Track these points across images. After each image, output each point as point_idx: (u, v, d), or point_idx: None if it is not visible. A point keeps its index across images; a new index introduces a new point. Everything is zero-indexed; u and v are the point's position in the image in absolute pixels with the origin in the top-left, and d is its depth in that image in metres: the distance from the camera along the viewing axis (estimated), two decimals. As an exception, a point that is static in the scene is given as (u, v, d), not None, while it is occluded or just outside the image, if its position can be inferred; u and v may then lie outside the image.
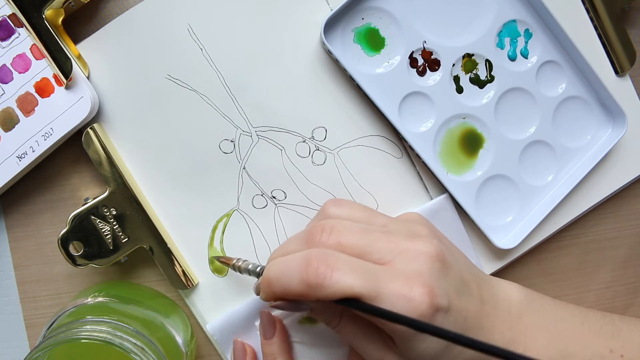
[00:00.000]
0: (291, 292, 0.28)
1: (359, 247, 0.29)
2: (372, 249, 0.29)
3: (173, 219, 0.36)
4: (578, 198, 0.39)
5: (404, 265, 0.28)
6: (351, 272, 0.27)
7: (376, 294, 0.26)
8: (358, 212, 0.32)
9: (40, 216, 0.37)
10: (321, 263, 0.27)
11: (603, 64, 0.39)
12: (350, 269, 0.27)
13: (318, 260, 0.27)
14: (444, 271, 0.29)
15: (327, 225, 0.30)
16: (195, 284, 0.36)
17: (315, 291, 0.27)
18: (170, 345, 0.33)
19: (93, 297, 0.33)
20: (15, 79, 0.34)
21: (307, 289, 0.27)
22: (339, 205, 0.32)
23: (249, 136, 0.36)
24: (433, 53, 0.37)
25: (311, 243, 0.29)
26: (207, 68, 0.35)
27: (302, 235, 0.31)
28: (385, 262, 0.29)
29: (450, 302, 0.28)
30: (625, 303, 0.42)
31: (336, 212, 0.32)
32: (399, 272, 0.28)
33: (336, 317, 0.30)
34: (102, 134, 0.35)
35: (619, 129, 0.39)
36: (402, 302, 0.27)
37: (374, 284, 0.27)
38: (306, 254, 0.28)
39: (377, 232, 0.30)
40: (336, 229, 0.29)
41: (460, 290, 0.30)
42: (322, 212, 0.33)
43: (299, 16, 0.36)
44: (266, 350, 0.34)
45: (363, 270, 0.27)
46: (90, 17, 0.36)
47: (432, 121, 0.37)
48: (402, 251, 0.29)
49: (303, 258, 0.28)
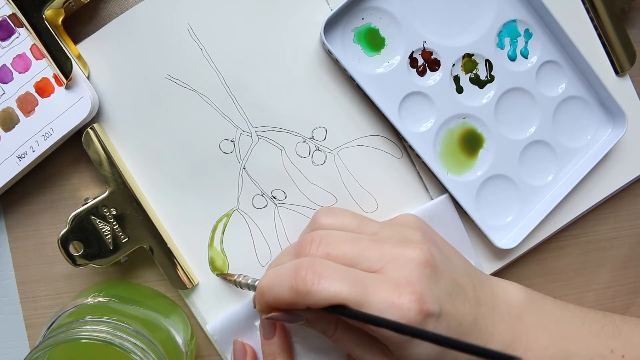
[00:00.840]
0: (282, 300, 0.28)
1: (348, 257, 0.29)
2: (362, 258, 0.29)
3: (173, 219, 0.36)
4: (578, 198, 0.39)
5: (393, 273, 0.28)
6: (339, 279, 0.27)
7: (364, 301, 0.27)
8: (349, 221, 0.32)
9: (40, 216, 0.37)
10: (309, 270, 0.27)
11: (603, 64, 0.39)
12: (338, 276, 0.27)
13: (306, 268, 0.27)
14: (435, 277, 0.29)
15: (317, 236, 0.30)
16: (195, 284, 0.36)
17: (304, 298, 0.27)
18: (170, 345, 0.33)
19: (93, 297, 0.33)
20: (15, 79, 0.34)
21: (296, 297, 0.27)
22: (329, 215, 0.33)
23: (249, 136, 0.36)
24: (433, 53, 0.37)
25: (301, 254, 0.30)
26: (207, 68, 0.35)
27: (293, 247, 0.31)
28: (374, 270, 0.29)
29: (442, 307, 0.28)
30: (625, 303, 0.42)
31: (327, 221, 0.32)
32: (388, 280, 0.28)
33: (331, 327, 0.30)
34: (102, 134, 0.35)
35: (619, 129, 0.39)
36: (390, 309, 0.27)
37: (362, 291, 0.27)
38: (295, 263, 0.28)
39: (366, 241, 0.30)
40: (325, 240, 0.30)
41: (453, 294, 0.30)
42: (313, 222, 0.33)
43: (299, 16, 0.36)
44: (266, 350, 0.34)
45: (351, 278, 0.27)
46: (90, 17, 0.36)
47: (432, 121, 0.37)
48: (391, 258, 0.29)
49: (292, 267, 0.28)
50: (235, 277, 0.35)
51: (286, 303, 0.28)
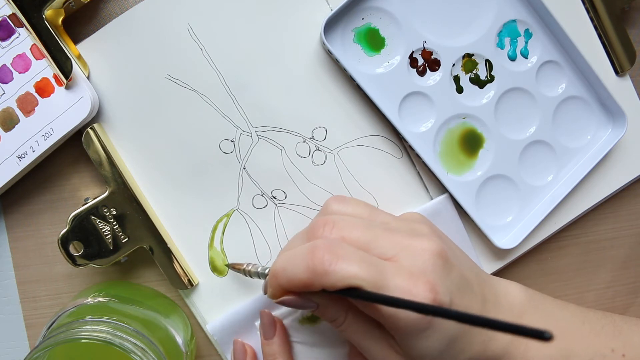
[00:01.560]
0: (297, 281, 0.27)
1: (362, 242, 0.29)
2: (375, 244, 0.29)
3: (173, 219, 0.36)
4: (578, 198, 0.39)
5: (407, 262, 0.28)
6: (357, 261, 0.27)
7: (381, 285, 0.26)
8: (360, 209, 0.32)
9: (40, 216, 0.37)
10: (326, 251, 0.27)
11: (603, 64, 0.39)
12: (356, 258, 0.27)
13: (324, 249, 0.27)
14: (447, 269, 0.29)
15: (330, 220, 0.30)
16: (195, 284, 0.36)
17: (321, 278, 0.27)
18: (170, 345, 0.32)
19: (93, 297, 0.33)
20: (15, 79, 0.34)
21: (312, 277, 0.27)
22: (341, 202, 0.32)
23: (249, 136, 0.36)
24: (433, 53, 0.37)
25: (314, 237, 0.29)
26: (207, 68, 0.35)
27: (305, 231, 0.31)
28: (387, 257, 0.29)
29: (452, 299, 0.28)
30: (625, 303, 0.42)
31: (338, 208, 0.32)
32: (403, 268, 0.28)
33: (342, 315, 0.30)
34: (102, 134, 0.35)
35: (619, 129, 0.39)
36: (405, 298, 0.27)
37: (378, 275, 0.27)
38: (312, 244, 0.28)
39: (379, 229, 0.30)
40: (338, 224, 0.29)
41: (462, 288, 0.30)
42: (325, 208, 0.33)
43: (299, 16, 0.36)
44: (266, 350, 0.34)
45: (368, 261, 0.27)
46: (90, 17, 0.36)
47: (432, 121, 0.37)
48: (404, 247, 0.29)
49: (309, 248, 0.28)
50: (244, 266, 0.34)
51: (301, 284, 0.27)
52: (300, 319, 0.36)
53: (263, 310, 0.35)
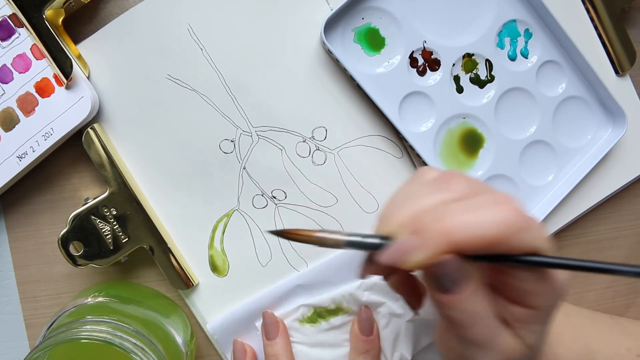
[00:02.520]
0: (483, 237, 0.22)
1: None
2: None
3: (173, 219, 0.36)
4: (578, 198, 0.39)
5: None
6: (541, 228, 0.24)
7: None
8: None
9: (40, 216, 0.37)
10: (514, 206, 0.23)
11: (603, 64, 0.39)
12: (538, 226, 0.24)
13: (510, 202, 0.23)
14: None
15: (457, 173, 0.26)
16: (195, 284, 0.36)
17: (517, 233, 0.22)
18: (170, 345, 0.32)
19: (93, 297, 0.33)
20: (15, 79, 0.34)
21: (508, 231, 0.22)
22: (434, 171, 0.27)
23: (249, 136, 0.36)
24: (433, 53, 0.37)
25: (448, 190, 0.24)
26: (207, 68, 0.35)
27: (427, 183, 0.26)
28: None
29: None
30: (625, 303, 0.42)
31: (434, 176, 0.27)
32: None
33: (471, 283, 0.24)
34: (102, 134, 0.35)
35: (619, 129, 0.39)
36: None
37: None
38: (495, 197, 0.24)
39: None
40: (467, 178, 0.25)
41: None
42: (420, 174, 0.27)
43: (299, 16, 0.36)
44: (269, 351, 0.34)
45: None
46: (90, 17, 0.36)
47: (432, 121, 0.37)
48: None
49: (500, 198, 0.23)
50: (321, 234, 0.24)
51: (488, 241, 0.22)
52: (300, 319, 0.36)
53: (265, 310, 0.35)
